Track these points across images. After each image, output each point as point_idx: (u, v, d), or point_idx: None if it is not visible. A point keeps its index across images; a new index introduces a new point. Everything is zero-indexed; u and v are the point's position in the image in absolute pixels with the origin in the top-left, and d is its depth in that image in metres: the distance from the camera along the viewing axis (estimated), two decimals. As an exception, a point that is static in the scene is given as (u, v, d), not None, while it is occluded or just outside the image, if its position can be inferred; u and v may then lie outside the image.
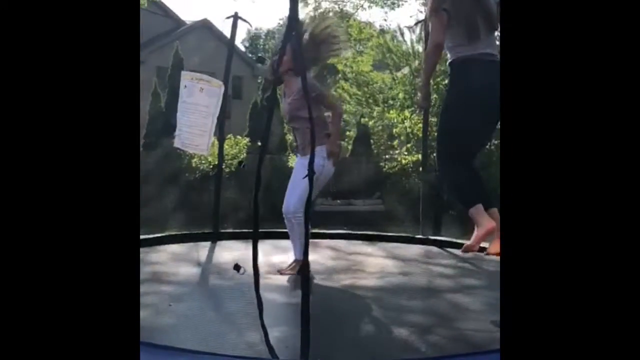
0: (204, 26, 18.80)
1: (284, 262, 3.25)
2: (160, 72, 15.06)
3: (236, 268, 3.48)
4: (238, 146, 11.84)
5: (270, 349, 1.65)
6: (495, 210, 2.88)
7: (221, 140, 4.54)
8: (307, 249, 1.70)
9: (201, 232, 4.41)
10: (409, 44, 13.22)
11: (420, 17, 11.35)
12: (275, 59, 2.23)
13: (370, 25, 15.32)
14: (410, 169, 10.78)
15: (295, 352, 1.66)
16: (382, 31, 14.88)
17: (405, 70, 12.63)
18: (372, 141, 12.98)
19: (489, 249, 2.91)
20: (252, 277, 1.69)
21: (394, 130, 11.52)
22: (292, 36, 1.83)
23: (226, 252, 3.71)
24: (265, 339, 1.62)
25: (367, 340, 2.18)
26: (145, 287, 2.41)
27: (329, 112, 3.32)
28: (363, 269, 3.36)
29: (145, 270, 2.98)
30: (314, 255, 3.27)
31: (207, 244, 4.06)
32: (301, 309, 1.56)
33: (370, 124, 12.89)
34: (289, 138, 11.73)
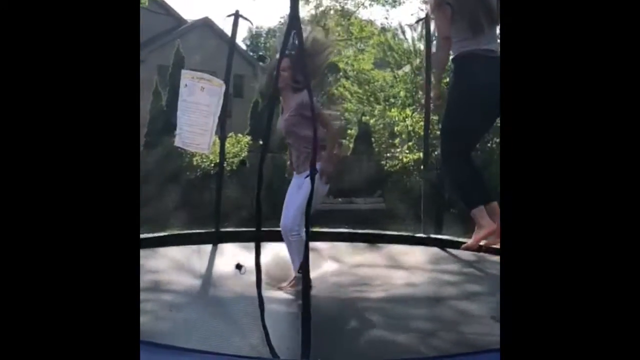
0: (205, 24, 18.77)
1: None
2: (161, 70, 15.04)
3: (238, 267, 3.49)
4: (239, 144, 11.84)
5: (271, 349, 1.65)
6: (496, 204, 2.93)
7: (222, 138, 4.53)
8: (307, 249, 1.70)
9: (202, 231, 4.38)
10: (410, 42, 13.18)
11: (421, 15, 11.34)
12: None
13: (372, 23, 15.30)
14: (411, 167, 10.75)
15: (296, 353, 1.65)
16: (383, 29, 14.84)
17: (407, 68, 12.59)
18: (373, 139, 12.96)
19: (486, 242, 3.03)
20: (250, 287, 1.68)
21: (395, 128, 11.49)
22: (290, 39, 1.82)
23: (228, 264, 3.56)
24: (266, 339, 1.62)
25: (367, 342, 2.18)
26: (145, 295, 2.37)
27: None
28: (367, 282, 3.26)
29: (145, 278, 2.91)
30: (316, 271, 3.13)
31: (208, 247, 3.99)
32: (302, 310, 1.56)
33: (372, 122, 12.86)
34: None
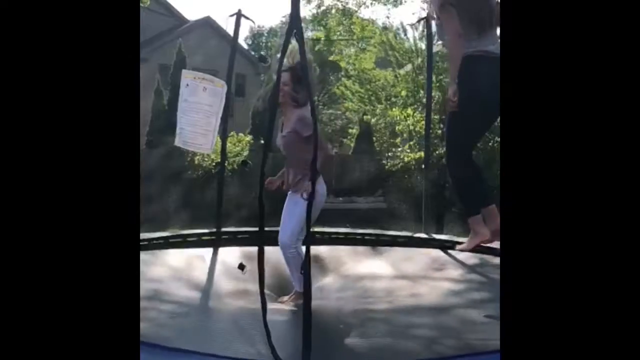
0: (207, 24, 18.77)
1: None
2: (163, 69, 15.04)
3: (240, 267, 3.50)
4: (241, 144, 11.85)
5: (272, 349, 1.65)
6: (494, 207, 3.00)
7: (224, 137, 4.53)
8: (308, 250, 1.70)
9: (204, 232, 4.37)
10: (411, 42, 13.17)
11: (423, 14, 11.32)
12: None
13: (373, 22, 15.29)
14: (412, 167, 10.75)
15: (296, 355, 1.65)
16: (385, 28, 14.83)
17: (408, 67, 12.58)
18: (374, 139, 12.97)
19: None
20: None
21: (396, 127, 11.49)
22: (290, 40, 1.82)
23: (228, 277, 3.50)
24: (267, 339, 1.62)
25: (369, 349, 2.15)
26: (145, 303, 2.30)
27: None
28: (370, 295, 3.19)
29: (145, 286, 2.77)
30: (315, 284, 3.03)
31: (209, 250, 3.94)
32: (303, 311, 1.56)
33: (373, 121, 12.87)
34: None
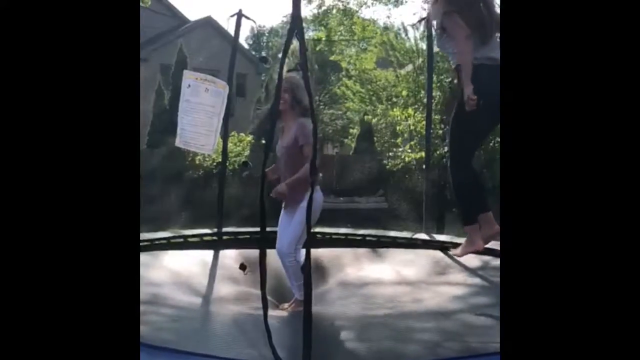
0: (208, 24, 18.78)
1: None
2: (164, 69, 15.05)
3: (241, 267, 3.50)
4: (242, 143, 11.85)
5: (273, 349, 1.65)
6: (491, 214, 3.14)
7: (225, 137, 4.54)
8: (308, 253, 1.70)
9: (205, 232, 4.37)
10: (412, 42, 13.16)
11: (424, 14, 11.31)
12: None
13: (374, 22, 15.26)
14: (413, 167, 10.75)
15: (297, 356, 1.65)
16: (386, 28, 14.81)
17: (409, 67, 12.57)
18: (375, 139, 12.98)
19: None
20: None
21: (397, 127, 11.48)
22: (292, 39, 1.83)
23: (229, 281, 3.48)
24: (268, 340, 1.62)
25: (370, 353, 2.15)
26: (146, 307, 2.33)
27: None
28: (372, 301, 3.16)
29: (147, 290, 2.76)
30: (316, 289, 3.05)
31: (210, 252, 3.92)
32: (303, 316, 1.56)
33: (374, 121, 12.87)
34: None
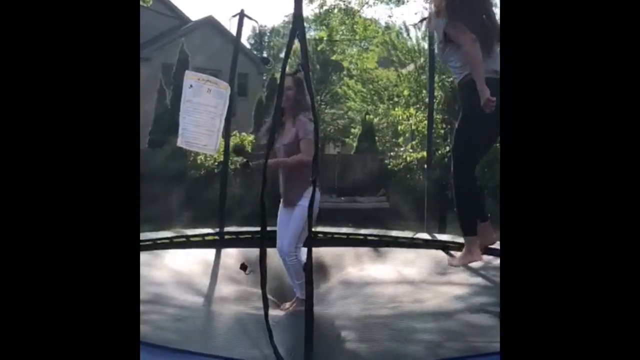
0: (209, 23, 18.78)
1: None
2: (165, 69, 15.05)
3: (242, 268, 3.50)
4: (243, 143, 11.85)
5: (274, 349, 1.66)
6: (488, 223, 3.22)
7: (227, 137, 4.54)
8: (310, 251, 1.70)
9: (207, 232, 4.37)
10: (414, 41, 13.17)
11: (425, 14, 11.30)
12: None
13: (375, 22, 15.25)
14: (415, 166, 10.75)
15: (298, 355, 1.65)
16: (387, 28, 14.81)
17: (410, 67, 12.57)
18: (376, 138, 12.99)
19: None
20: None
21: (398, 127, 11.49)
22: (294, 39, 1.83)
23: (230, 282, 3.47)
24: (270, 339, 1.62)
25: (371, 353, 2.14)
26: (147, 307, 2.33)
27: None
28: (373, 301, 3.15)
29: (148, 289, 2.78)
30: (317, 289, 3.01)
31: (212, 251, 3.93)
32: (305, 315, 1.56)
33: (375, 121, 12.89)
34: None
